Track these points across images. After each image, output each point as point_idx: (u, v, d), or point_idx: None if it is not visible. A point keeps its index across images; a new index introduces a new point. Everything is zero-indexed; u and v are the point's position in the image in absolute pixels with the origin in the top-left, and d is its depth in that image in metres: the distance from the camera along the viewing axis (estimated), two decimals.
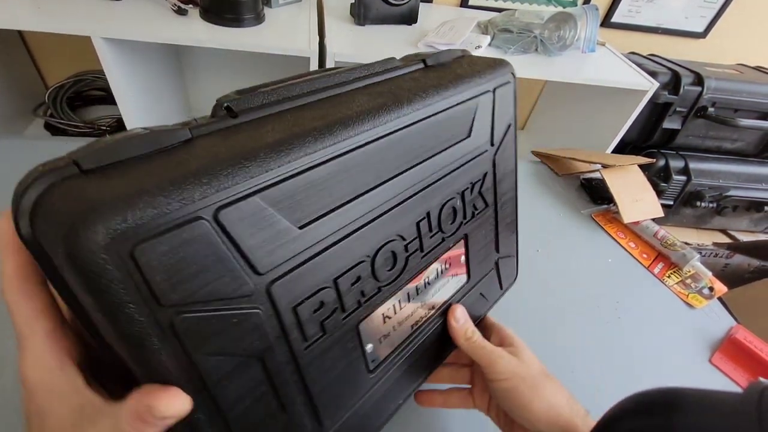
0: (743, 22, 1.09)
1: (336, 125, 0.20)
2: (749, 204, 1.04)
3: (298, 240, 0.20)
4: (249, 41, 0.64)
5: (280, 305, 0.20)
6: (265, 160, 0.18)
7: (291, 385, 0.21)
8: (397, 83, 0.26)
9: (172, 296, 0.16)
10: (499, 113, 0.32)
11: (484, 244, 0.35)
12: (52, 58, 0.91)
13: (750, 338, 0.53)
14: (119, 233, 0.14)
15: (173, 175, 0.16)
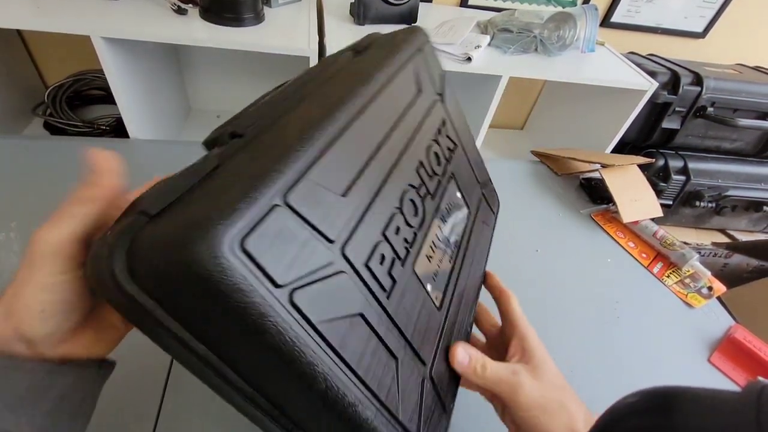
0: (742, 22, 1.09)
1: (332, 110, 0.24)
2: (748, 204, 1.04)
3: (346, 206, 0.23)
4: (249, 41, 0.64)
5: (356, 265, 0.23)
6: (299, 148, 0.21)
7: (391, 334, 0.25)
8: (349, 70, 0.31)
9: (284, 276, 0.18)
10: (432, 67, 0.38)
11: (467, 177, 0.40)
12: (52, 58, 0.91)
13: (749, 338, 0.53)
14: (227, 236, 0.16)
15: (237, 183, 0.18)
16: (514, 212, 0.68)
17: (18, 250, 0.46)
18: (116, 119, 0.82)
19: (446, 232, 0.34)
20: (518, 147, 1.16)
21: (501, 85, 0.75)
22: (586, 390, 0.46)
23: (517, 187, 0.74)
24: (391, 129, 0.29)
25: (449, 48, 0.72)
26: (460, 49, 0.72)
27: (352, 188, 0.24)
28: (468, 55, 0.71)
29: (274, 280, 0.18)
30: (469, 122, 0.76)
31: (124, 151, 0.66)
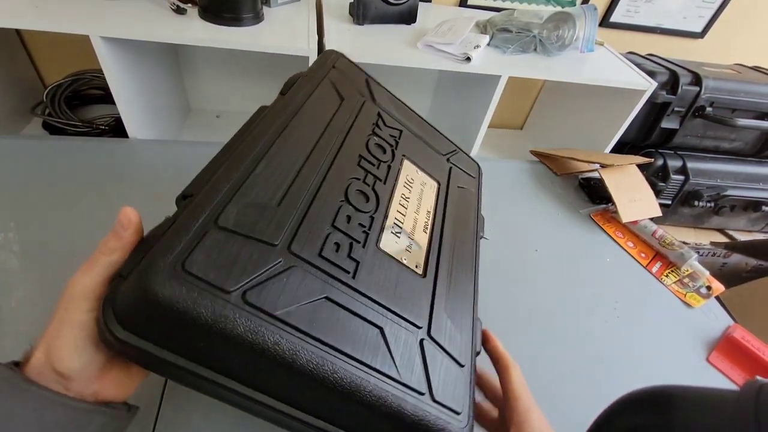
0: (741, 22, 1.09)
1: (253, 140, 0.30)
2: (747, 203, 1.04)
3: (284, 212, 0.27)
4: (248, 40, 0.64)
5: (307, 257, 0.26)
6: (222, 179, 0.26)
7: (366, 306, 0.27)
8: (273, 107, 0.38)
9: (232, 283, 0.22)
10: (350, 77, 0.43)
11: (424, 154, 0.43)
12: (50, 57, 0.91)
13: (747, 337, 0.53)
14: (166, 264, 0.20)
15: (176, 227, 0.23)
16: (513, 212, 0.68)
17: (17, 250, 0.46)
18: (115, 119, 0.82)
19: (412, 207, 0.37)
20: (517, 147, 1.16)
21: (500, 85, 0.75)
22: (584, 388, 0.46)
23: (516, 187, 0.74)
24: (319, 137, 0.33)
25: (448, 48, 0.72)
26: (460, 48, 0.72)
27: (286, 196, 0.28)
28: (467, 54, 0.71)
29: (222, 288, 0.21)
30: (468, 122, 0.78)
31: (123, 151, 0.66)
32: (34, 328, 0.40)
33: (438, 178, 0.42)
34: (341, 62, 0.43)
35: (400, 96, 1.16)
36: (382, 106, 0.43)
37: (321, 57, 0.43)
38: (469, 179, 0.47)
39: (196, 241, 0.22)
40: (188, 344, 0.22)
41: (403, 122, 0.44)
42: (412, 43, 0.74)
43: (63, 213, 0.51)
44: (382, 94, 0.45)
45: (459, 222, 0.41)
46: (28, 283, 0.44)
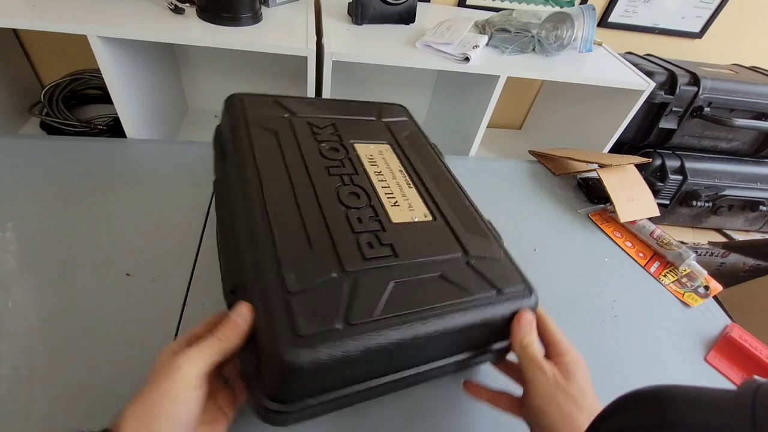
0: (739, 22, 1.10)
1: (248, 213, 0.36)
2: (744, 203, 1.04)
3: (316, 250, 0.33)
4: (246, 40, 0.64)
5: (360, 267, 0.33)
6: (256, 255, 0.32)
7: (421, 266, 0.34)
8: (237, 172, 0.42)
9: (334, 321, 0.28)
10: (263, 109, 0.47)
11: (363, 128, 0.49)
12: (48, 57, 0.91)
13: (745, 336, 0.53)
14: (291, 341, 0.27)
15: (259, 312, 0.29)
16: (511, 212, 0.68)
17: (14, 249, 0.46)
18: (113, 119, 0.82)
19: (389, 176, 0.43)
20: (516, 147, 1.17)
21: (499, 85, 0.75)
22: None
23: (514, 187, 0.75)
24: (290, 177, 0.37)
25: (447, 48, 0.72)
26: (458, 49, 0.72)
27: (311, 238, 0.33)
28: (466, 55, 0.71)
29: (332, 329, 0.27)
30: (467, 122, 0.79)
31: (121, 151, 0.66)
32: (31, 329, 0.40)
33: (386, 140, 0.48)
34: (248, 100, 0.46)
35: (399, 96, 1.17)
36: (305, 115, 0.47)
37: (228, 106, 0.46)
38: (406, 122, 0.53)
39: (288, 313, 0.27)
40: (334, 378, 0.29)
41: (328, 115, 0.48)
42: (411, 43, 0.74)
43: (60, 213, 0.51)
44: (296, 104, 0.48)
45: (424, 161, 0.47)
46: (25, 283, 0.43)
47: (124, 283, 0.45)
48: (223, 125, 0.46)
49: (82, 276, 0.45)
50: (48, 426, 0.34)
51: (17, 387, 0.36)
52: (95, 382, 0.37)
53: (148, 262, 0.47)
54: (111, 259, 0.47)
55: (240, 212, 0.35)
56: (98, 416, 0.35)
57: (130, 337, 0.41)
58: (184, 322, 0.43)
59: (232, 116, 0.43)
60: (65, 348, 0.39)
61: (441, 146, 0.67)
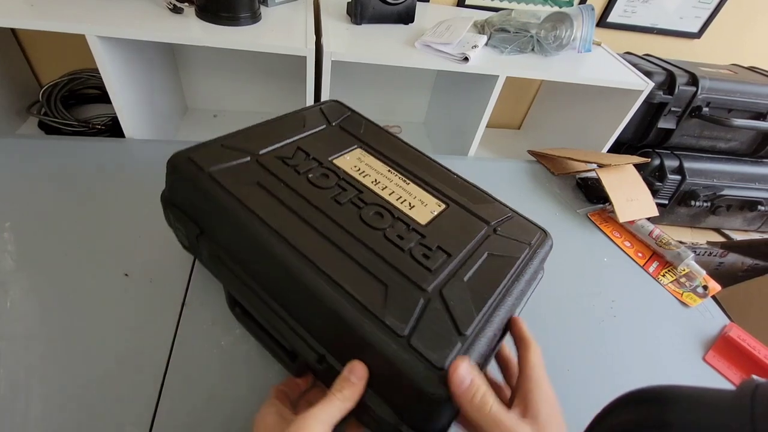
0: (737, 22, 1.10)
1: (293, 274, 0.34)
2: (743, 203, 1.05)
3: (390, 285, 0.33)
4: (245, 40, 0.64)
5: (436, 279, 0.34)
6: (337, 312, 0.31)
7: (475, 255, 0.37)
8: (246, 230, 0.40)
9: (457, 337, 0.30)
10: (227, 163, 0.42)
11: (327, 140, 0.47)
12: (46, 56, 0.90)
13: (743, 336, 0.53)
14: (428, 373, 0.28)
15: (381, 360, 0.30)
16: None
17: (12, 250, 0.46)
18: (112, 118, 0.81)
19: (383, 180, 0.43)
20: (515, 147, 1.17)
21: (498, 85, 0.75)
22: (581, 388, 0.46)
23: (514, 187, 0.75)
24: (302, 220, 0.36)
25: (446, 48, 0.72)
26: (457, 49, 0.72)
27: (375, 275, 0.32)
28: (465, 55, 0.71)
29: (457, 344, 0.29)
30: (466, 122, 0.79)
31: (120, 150, 0.65)
32: (29, 329, 0.40)
33: (354, 144, 0.47)
34: (197, 157, 0.39)
35: (398, 95, 1.17)
36: (265, 150, 0.42)
37: (179, 171, 0.39)
38: (351, 116, 0.52)
39: (419, 356, 0.28)
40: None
41: (285, 141, 0.44)
42: (410, 43, 0.74)
43: (59, 213, 0.51)
44: (247, 142, 0.43)
45: (396, 150, 0.47)
46: (23, 283, 0.43)
47: (122, 284, 0.45)
48: (180, 196, 0.40)
49: (80, 276, 0.45)
50: (45, 425, 0.34)
51: (15, 387, 0.36)
52: (94, 382, 0.37)
53: (147, 262, 0.47)
54: (109, 259, 0.47)
55: (289, 282, 0.32)
56: (96, 417, 0.35)
57: (129, 337, 0.41)
58: (183, 322, 0.43)
59: (193, 182, 0.37)
60: (63, 348, 0.39)
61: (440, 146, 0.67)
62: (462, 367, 0.27)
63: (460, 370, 0.26)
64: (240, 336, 0.42)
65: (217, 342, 0.42)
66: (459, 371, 0.26)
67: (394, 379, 0.28)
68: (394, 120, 1.15)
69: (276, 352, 0.38)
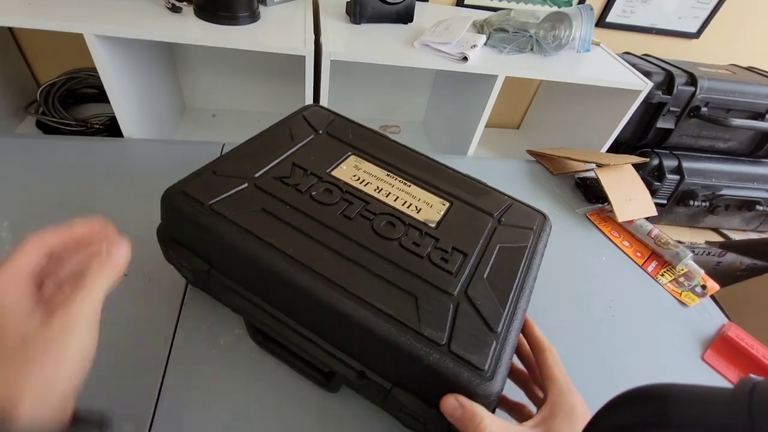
0: (736, 22, 1.10)
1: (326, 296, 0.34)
2: (741, 203, 1.05)
3: (419, 298, 0.34)
4: (244, 39, 0.64)
5: (459, 282, 0.35)
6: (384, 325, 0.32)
7: (486, 248, 0.39)
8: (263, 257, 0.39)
9: (493, 334, 0.33)
10: (230, 196, 0.41)
11: (318, 153, 0.45)
12: (44, 56, 0.90)
13: (741, 335, 0.53)
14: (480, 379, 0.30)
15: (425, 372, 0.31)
16: None
17: (11, 249, 0.46)
18: (110, 118, 0.81)
19: (387, 187, 0.42)
20: (514, 146, 1.17)
21: (497, 84, 0.75)
22: (580, 388, 0.46)
23: (513, 187, 0.75)
24: (318, 242, 0.35)
25: (445, 47, 0.72)
26: (456, 48, 0.72)
27: (402, 287, 0.33)
28: (464, 54, 0.71)
29: (491, 340, 0.31)
30: (465, 122, 0.79)
31: (118, 150, 0.65)
32: None
33: (347, 151, 0.46)
34: (192, 189, 0.37)
35: (398, 95, 1.17)
36: (260, 172, 0.40)
37: (174, 206, 0.36)
38: (335, 119, 0.51)
39: (462, 363, 0.29)
40: None
41: (281, 155, 0.42)
42: (409, 43, 0.74)
43: (57, 213, 0.51)
44: (239, 166, 0.40)
45: (388, 151, 0.47)
46: None
47: (121, 283, 0.45)
48: (182, 231, 0.38)
49: None
50: None
51: None
52: (93, 381, 0.37)
53: (146, 261, 0.47)
54: None
55: (317, 308, 0.32)
56: None
57: (128, 336, 0.41)
58: (182, 322, 0.43)
59: (194, 218, 0.35)
60: None
61: (439, 146, 0.67)
62: (448, 401, 0.28)
63: (447, 403, 0.28)
64: (239, 335, 0.42)
65: (216, 341, 0.42)
66: (446, 404, 0.28)
67: (438, 383, 0.29)
68: (393, 120, 1.15)
69: (308, 372, 0.38)
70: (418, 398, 0.31)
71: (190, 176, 0.38)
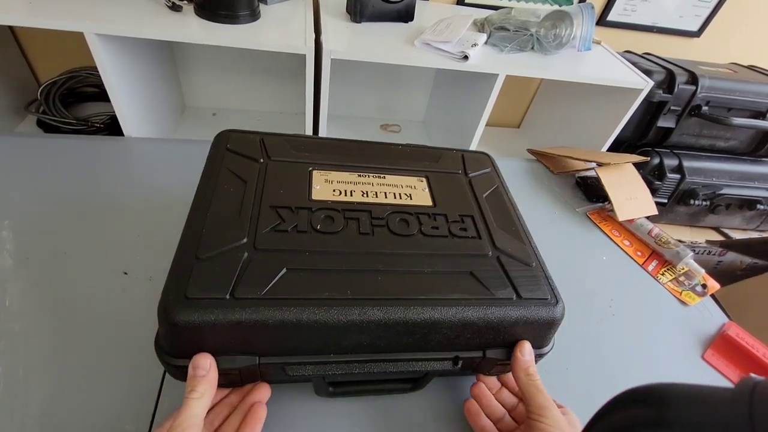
0: (737, 21, 1.10)
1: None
2: (742, 202, 1.05)
3: None
4: (244, 38, 0.64)
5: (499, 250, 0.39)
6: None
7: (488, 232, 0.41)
8: None
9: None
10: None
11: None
12: (45, 55, 0.90)
13: (742, 335, 0.53)
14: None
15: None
16: None
17: (11, 248, 0.46)
18: (110, 117, 0.81)
19: (369, 184, 0.42)
20: (514, 145, 1.17)
21: (497, 83, 0.75)
22: (580, 387, 0.46)
23: (513, 186, 0.74)
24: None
25: (445, 46, 0.72)
26: (457, 47, 0.72)
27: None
28: (464, 53, 0.71)
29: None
30: (466, 121, 0.79)
31: (119, 149, 0.65)
32: (28, 327, 0.40)
33: (303, 170, 0.43)
34: (197, 293, 0.30)
35: (398, 94, 1.17)
36: (257, 236, 0.35)
37: (201, 314, 0.29)
38: (254, 138, 0.48)
39: (534, 306, 0.34)
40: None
41: (257, 203, 0.38)
42: (410, 42, 0.74)
43: (57, 212, 0.51)
44: (225, 233, 0.34)
45: (346, 151, 0.46)
46: (22, 282, 0.43)
47: (121, 282, 0.45)
48: (205, 339, 0.30)
49: (79, 274, 0.45)
50: (44, 424, 0.34)
51: (14, 385, 0.36)
52: (92, 381, 0.37)
53: (146, 260, 0.47)
54: (108, 257, 0.47)
55: (398, 329, 0.32)
56: (96, 416, 0.35)
57: (127, 335, 0.41)
58: None
59: (224, 318, 0.29)
60: (62, 346, 0.39)
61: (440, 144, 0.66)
62: (527, 346, 0.35)
63: (525, 347, 0.35)
64: None
65: None
66: (525, 347, 0.35)
67: (523, 328, 0.34)
68: (394, 119, 1.15)
69: (391, 389, 0.39)
70: (503, 348, 0.35)
71: (174, 277, 0.31)
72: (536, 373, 0.34)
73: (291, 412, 0.38)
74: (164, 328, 0.29)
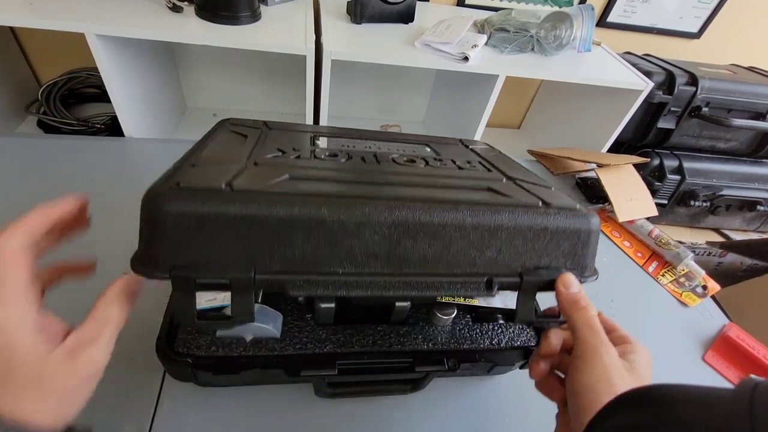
0: (737, 22, 1.10)
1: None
2: (742, 203, 1.05)
3: None
4: (245, 39, 0.64)
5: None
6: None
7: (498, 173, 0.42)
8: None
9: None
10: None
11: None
12: (45, 55, 0.90)
13: (742, 336, 0.53)
14: None
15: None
16: None
17: None
18: (111, 117, 0.81)
19: (374, 144, 0.45)
20: (515, 146, 1.17)
21: (498, 84, 0.75)
22: None
23: None
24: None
25: (446, 47, 0.72)
26: (457, 48, 0.72)
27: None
28: (465, 54, 0.71)
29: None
30: (466, 121, 0.81)
31: (119, 149, 0.65)
32: None
33: (305, 135, 0.46)
34: (186, 182, 0.29)
35: (398, 95, 1.17)
36: (257, 157, 0.35)
37: (193, 198, 0.27)
38: (250, 122, 0.51)
39: (563, 214, 0.31)
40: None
41: (259, 143, 0.38)
42: (410, 43, 0.74)
43: None
44: (232, 153, 0.35)
45: (351, 131, 0.50)
46: None
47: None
48: (193, 241, 0.27)
49: None
50: None
51: None
52: None
53: None
54: (108, 257, 0.47)
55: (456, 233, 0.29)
56: (96, 416, 0.35)
57: (128, 335, 0.41)
58: None
59: (222, 204, 0.26)
60: None
61: None
62: (571, 277, 0.31)
63: (569, 279, 0.30)
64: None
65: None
66: (568, 279, 0.30)
67: (560, 241, 0.31)
68: (394, 119, 1.15)
69: (391, 389, 0.38)
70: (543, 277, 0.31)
71: (166, 175, 0.29)
72: (590, 305, 0.29)
73: (291, 412, 0.38)
74: (149, 226, 0.25)
